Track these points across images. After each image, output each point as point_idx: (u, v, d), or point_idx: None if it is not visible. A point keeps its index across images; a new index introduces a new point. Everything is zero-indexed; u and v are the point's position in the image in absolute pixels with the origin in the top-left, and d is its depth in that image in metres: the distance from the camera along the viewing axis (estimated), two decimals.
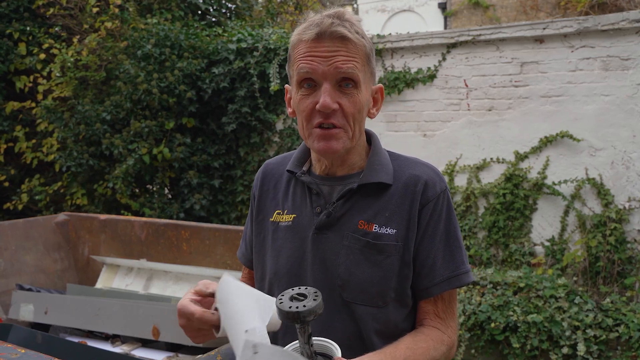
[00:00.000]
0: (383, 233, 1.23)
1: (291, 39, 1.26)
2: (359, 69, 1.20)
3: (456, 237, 1.28)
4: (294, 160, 1.39)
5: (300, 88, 1.23)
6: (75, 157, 5.70)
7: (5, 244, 3.84)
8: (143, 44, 5.74)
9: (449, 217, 1.28)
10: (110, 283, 3.94)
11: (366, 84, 1.24)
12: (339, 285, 1.23)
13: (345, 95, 1.20)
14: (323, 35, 1.18)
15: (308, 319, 0.96)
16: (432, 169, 1.31)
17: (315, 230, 1.27)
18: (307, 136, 1.25)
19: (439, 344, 1.23)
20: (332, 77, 1.19)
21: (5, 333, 2.92)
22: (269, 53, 5.71)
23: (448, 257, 1.25)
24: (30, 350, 1.88)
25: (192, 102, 5.85)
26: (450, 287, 1.25)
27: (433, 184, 1.27)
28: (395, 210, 1.25)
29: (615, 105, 4.38)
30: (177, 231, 3.81)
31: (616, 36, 4.36)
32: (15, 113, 6.26)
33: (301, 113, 1.24)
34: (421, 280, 1.25)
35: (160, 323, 2.93)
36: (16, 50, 6.20)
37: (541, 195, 4.66)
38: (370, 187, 1.27)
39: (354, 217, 1.26)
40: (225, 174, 6.14)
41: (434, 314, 1.27)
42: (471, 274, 1.29)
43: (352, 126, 1.22)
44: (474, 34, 4.86)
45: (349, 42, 1.19)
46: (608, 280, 4.29)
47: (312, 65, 1.19)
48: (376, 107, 1.32)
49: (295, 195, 1.35)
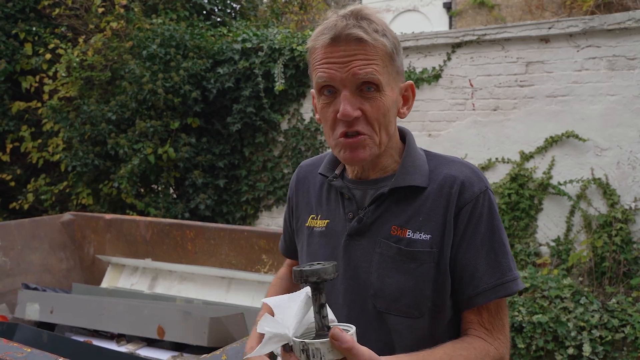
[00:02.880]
0: (417, 239, 1.15)
1: (308, 44, 1.19)
2: (380, 71, 1.12)
3: (501, 241, 1.17)
4: (327, 163, 1.33)
5: (321, 96, 1.17)
6: (80, 157, 5.72)
7: (12, 244, 3.86)
8: (148, 44, 5.75)
9: (490, 219, 1.17)
10: (115, 282, 3.95)
11: (390, 85, 1.16)
12: (371, 295, 1.18)
13: (367, 100, 1.13)
14: (338, 39, 1.11)
15: (311, 280, 0.96)
16: (470, 168, 1.21)
17: (347, 237, 1.22)
18: (334, 146, 1.19)
19: (483, 356, 1.12)
20: (351, 83, 1.12)
21: (11, 332, 2.94)
22: (274, 53, 5.72)
23: (492, 263, 1.15)
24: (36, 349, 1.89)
25: (197, 102, 5.86)
26: (496, 296, 1.14)
27: (470, 184, 1.17)
28: (429, 214, 1.17)
29: (621, 105, 4.36)
30: (182, 231, 3.81)
31: (622, 36, 4.34)
32: (21, 113, 6.29)
33: (325, 123, 1.18)
34: (463, 289, 1.16)
35: (166, 322, 2.93)
36: (22, 51, 6.23)
37: (547, 195, 4.64)
38: (403, 191, 1.19)
39: (386, 223, 1.19)
40: (230, 173, 6.14)
41: (479, 324, 1.16)
42: (520, 281, 1.17)
43: (378, 132, 1.15)
44: (479, 34, 4.85)
45: (366, 44, 1.10)
46: (614, 281, 4.27)
47: (329, 73, 1.12)
48: (407, 106, 1.24)
49: (329, 199, 1.30)
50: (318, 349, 0.94)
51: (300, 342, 0.96)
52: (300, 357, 0.96)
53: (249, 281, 3.46)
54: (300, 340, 0.96)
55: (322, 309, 0.98)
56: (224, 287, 3.53)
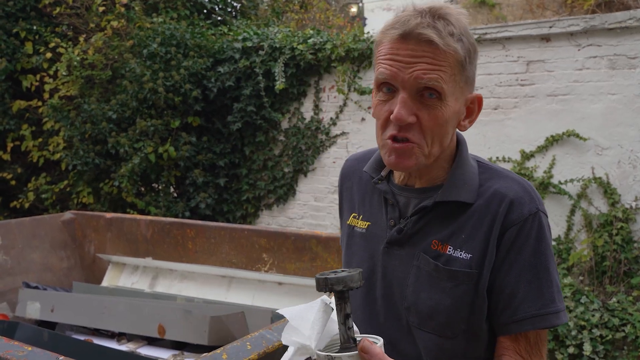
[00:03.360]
0: (457, 257, 1.09)
1: (376, 35, 1.12)
2: (445, 79, 1.04)
3: (547, 270, 1.08)
4: (373, 162, 1.25)
5: (379, 92, 1.09)
6: (81, 156, 5.72)
7: (12, 242, 3.86)
8: (149, 43, 5.76)
9: (538, 244, 1.07)
10: (116, 281, 3.95)
11: (455, 95, 1.07)
12: (405, 308, 1.14)
13: (426, 107, 1.05)
14: (408, 37, 1.03)
15: (336, 288, 0.91)
16: (523, 186, 1.11)
17: (386, 245, 1.17)
18: (381, 146, 1.12)
19: None
20: (412, 86, 1.04)
21: (12, 331, 2.94)
22: (275, 52, 5.71)
23: (535, 291, 1.07)
24: (37, 348, 1.89)
25: (198, 101, 5.86)
26: (533, 327, 1.07)
27: (520, 204, 1.08)
28: (472, 232, 1.09)
29: (622, 104, 4.36)
30: (183, 230, 3.81)
31: (623, 35, 4.33)
32: (21, 112, 6.29)
33: (377, 120, 1.11)
34: (498, 315, 1.09)
35: (166, 321, 2.93)
36: (23, 49, 6.23)
37: (547, 194, 4.64)
38: (449, 205, 1.12)
39: (427, 237, 1.13)
40: (231, 172, 6.14)
41: (515, 351, 1.09)
42: (564, 314, 1.08)
43: (430, 143, 1.07)
44: (480, 33, 4.85)
45: (437, 47, 1.02)
46: (614, 280, 4.27)
47: (391, 71, 1.05)
48: (469, 119, 1.15)
49: (372, 201, 1.24)
50: None
51: (325, 355, 0.92)
52: None
53: (249, 280, 3.46)
54: (325, 354, 0.92)
55: (347, 320, 0.94)
56: (224, 286, 3.54)
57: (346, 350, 0.92)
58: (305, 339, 0.94)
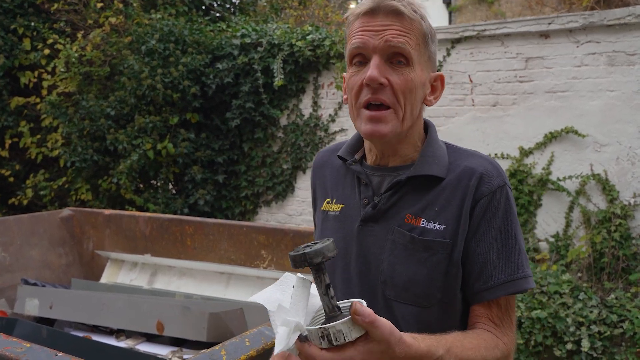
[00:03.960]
0: (431, 228, 1.15)
1: (347, 16, 1.22)
2: (412, 45, 1.13)
3: (515, 238, 1.16)
4: (347, 147, 1.32)
5: (352, 66, 1.18)
6: (79, 153, 5.71)
7: (11, 239, 3.86)
8: (147, 39, 5.74)
9: (506, 215, 1.15)
10: (114, 278, 3.95)
11: (422, 65, 1.17)
12: (381, 282, 1.18)
13: (396, 72, 1.14)
14: (377, 10, 1.13)
15: (315, 261, 0.92)
16: (490, 162, 1.20)
17: (360, 223, 1.22)
18: (356, 117, 1.18)
19: (492, 348, 1.10)
20: (382, 51, 1.13)
21: (11, 327, 2.94)
22: (273, 48, 5.71)
23: (504, 259, 1.14)
24: (35, 344, 1.89)
25: (196, 97, 5.85)
26: (505, 292, 1.14)
27: (489, 178, 1.16)
28: (445, 205, 1.16)
29: (620, 100, 4.36)
30: (182, 226, 3.81)
31: (622, 31, 4.33)
32: (19, 108, 6.28)
33: (350, 91, 1.18)
34: (472, 283, 1.15)
35: (165, 318, 2.94)
36: (20, 46, 6.21)
37: (546, 191, 4.64)
38: (421, 180, 1.19)
39: (401, 211, 1.18)
40: (230, 169, 6.14)
41: (488, 318, 1.15)
42: (531, 280, 1.16)
43: (403, 106, 1.15)
44: (479, 29, 4.84)
45: (404, 17, 1.13)
46: (613, 277, 4.28)
47: (362, 39, 1.14)
48: (434, 96, 1.24)
49: (345, 183, 1.29)
50: (340, 330, 0.89)
51: (317, 329, 0.90)
52: (321, 344, 0.91)
53: (248, 277, 3.47)
54: (317, 328, 0.90)
55: (328, 290, 0.94)
56: (223, 283, 3.54)
57: (335, 319, 0.91)
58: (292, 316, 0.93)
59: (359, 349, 0.90)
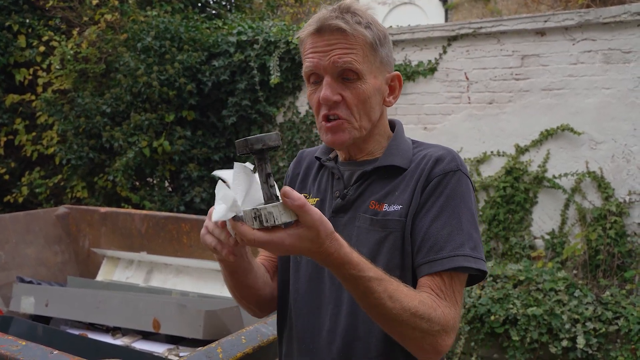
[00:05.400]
0: (390, 211, 1.22)
1: (298, 35, 1.28)
2: (359, 60, 1.20)
3: (459, 218, 1.18)
4: (323, 147, 1.42)
5: (310, 84, 1.26)
6: (75, 150, 5.70)
7: (6, 237, 3.85)
8: (143, 36, 5.73)
9: (453, 195, 1.19)
10: (110, 276, 3.94)
11: (374, 73, 1.24)
12: None
13: (348, 87, 1.22)
14: (322, 30, 1.20)
15: (256, 147, 0.96)
16: (448, 151, 1.26)
17: (332, 214, 1.29)
18: (319, 129, 1.28)
19: (428, 306, 1.10)
20: (332, 70, 1.20)
21: (6, 325, 2.93)
22: (270, 46, 5.70)
23: (445, 236, 1.17)
24: (31, 342, 1.88)
25: (192, 95, 5.84)
26: (442, 267, 1.15)
27: (443, 161, 1.23)
28: (404, 189, 1.24)
29: (616, 98, 4.37)
30: (178, 224, 3.81)
31: (617, 29, 4.34)
32: (15, 106, 6.25)
33: (312, 107, 1.28)
34: (415, 256, 1.20)
35: (161, 315, 2.93)
36: (16, 43, 6.19)
37: (541, 188, 4.66)
38: (386, 171, 1.27)
39: (367, 199, 1.26)
40: (226, 167, 6.13)
41: (430, 288, 1.16)
42: (475, 261, 1.16)
43: (358, 117, 1.23)
44: (475, 27, 4.85)
45: (346, 34, 1.19)
46: (608, 274, 4.30)
47: (313, 61, 1.22)
48: (393, 95, 1.32)
49: (321, 179, 1.38)
50: (271, 212, 0.94)
51: (250, 209, 0.95)
52: (253, 224, 0.95)
53: None
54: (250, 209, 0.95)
55: (268, 179, 0.98)
56: (219, 280, 3.53)
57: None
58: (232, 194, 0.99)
59: (289, 232, 0.96)
